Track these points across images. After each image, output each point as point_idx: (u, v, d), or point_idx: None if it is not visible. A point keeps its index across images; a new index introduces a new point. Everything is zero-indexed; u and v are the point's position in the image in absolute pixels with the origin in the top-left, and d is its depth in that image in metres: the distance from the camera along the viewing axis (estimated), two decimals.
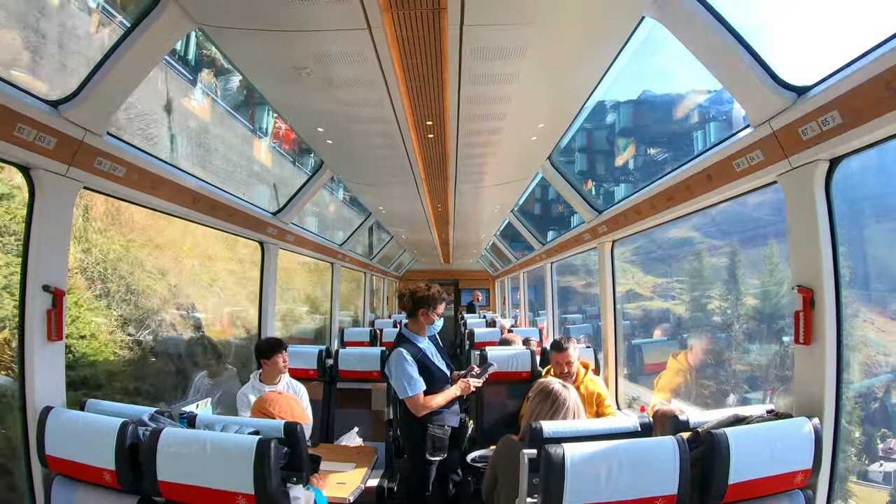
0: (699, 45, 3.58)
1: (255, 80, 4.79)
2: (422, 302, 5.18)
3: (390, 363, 5.11)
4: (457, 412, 5.30)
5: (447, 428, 5.04)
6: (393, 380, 5.09)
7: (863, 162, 9.97)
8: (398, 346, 5.12)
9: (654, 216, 5.44)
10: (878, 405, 8.23)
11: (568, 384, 3.84)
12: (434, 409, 5.03)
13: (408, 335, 5.22)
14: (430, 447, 4.97)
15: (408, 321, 5.33)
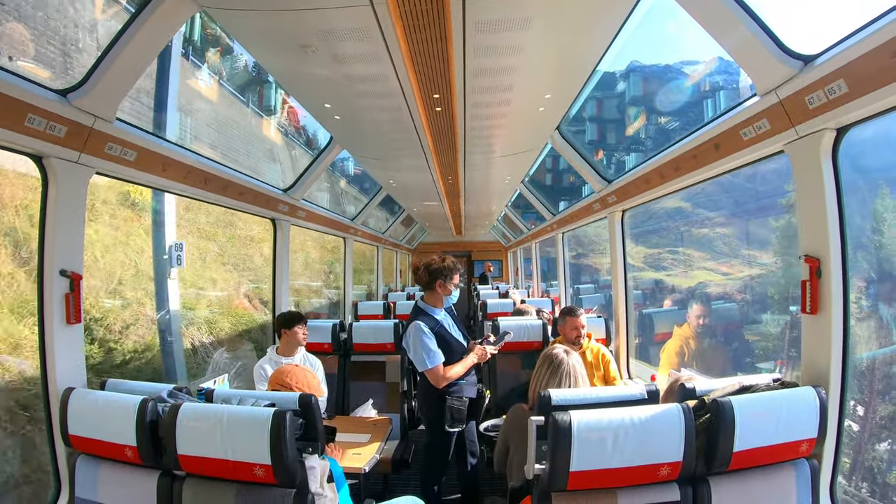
0: (705, 13, 3.55)
1: (261, 59, 4.82)
2: (438, 273, 5.22)
3: (408, 337, 5.15)
4: (474, 383, 5.35)
5: (465, 399, 5.12)
6: (412, 353, 5.12)
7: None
8: (415, 319, 5.15)
9: (663, 185, 5.45)
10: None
11: (570, 349, 3.91)
12: (454, 379, 5.08)
13: (424, 308, 5.26)
14: (450, 419, 5.05)
15: (424, 294, 5.37)
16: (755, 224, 18.96)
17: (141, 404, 3.09)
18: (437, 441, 5.26)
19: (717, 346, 8.46)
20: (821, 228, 3.29)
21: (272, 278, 7.41)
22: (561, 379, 3.77)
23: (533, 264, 16.02)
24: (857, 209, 9.34)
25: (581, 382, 3.80)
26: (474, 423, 5.47)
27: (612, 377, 5.69)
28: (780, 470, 2.95)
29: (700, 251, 21.43)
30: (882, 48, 2.58)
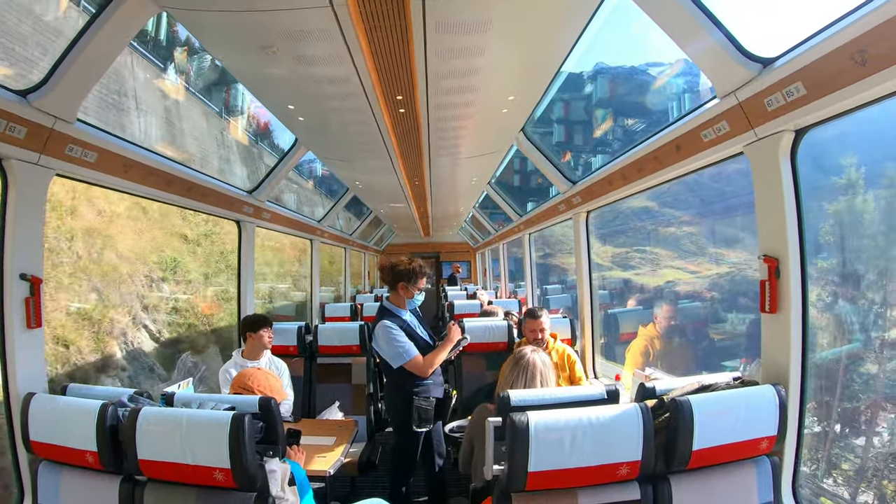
0: (665, 16, 3.58)
1: (223, 60, 4.78)
2: (401, 275, 5.23)
3: (377, 337, 5.16)
4: (441, 383, 5.36)
5: (432, 399, 5.12)
6: (384, 352, 5.13)
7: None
8: (381, 320, 5.16)
9: (626, 186, 5.49)
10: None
11: (538, 349, 3.93)
12: (437, 364, 5.12)
13: (390, 308, 5.27)
14: (417, 419, 5.04)
15: (389, 294, 5.38)
16: (722, 223, 19.19)
17: (101, 409, 3.05)
18: (404, 442, 5.27)
19: (683, 346, 8.54)
20: (779, 229, 3.33)
21: (237, 281, 7.35)
22: (519, 374, 3.79)
23: (501, 265, 16.06)
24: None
25: (542, 381, 3.81)
26: (441, 423, 5.47)
27: (578, 377, 5.72)
28: (741, 467, 2.99)
29: (667, 250, 21.64)
30: (839, 51, 2.61)
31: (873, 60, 2.45)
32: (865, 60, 2.48)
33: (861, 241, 9.20)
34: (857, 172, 9.72)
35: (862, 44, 2.49)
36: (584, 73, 27.80)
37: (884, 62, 2.40)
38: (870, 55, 2.45)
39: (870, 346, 7.85)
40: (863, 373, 7.45)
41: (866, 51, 2.46)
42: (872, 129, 8.36)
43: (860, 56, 2.50)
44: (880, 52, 2.40)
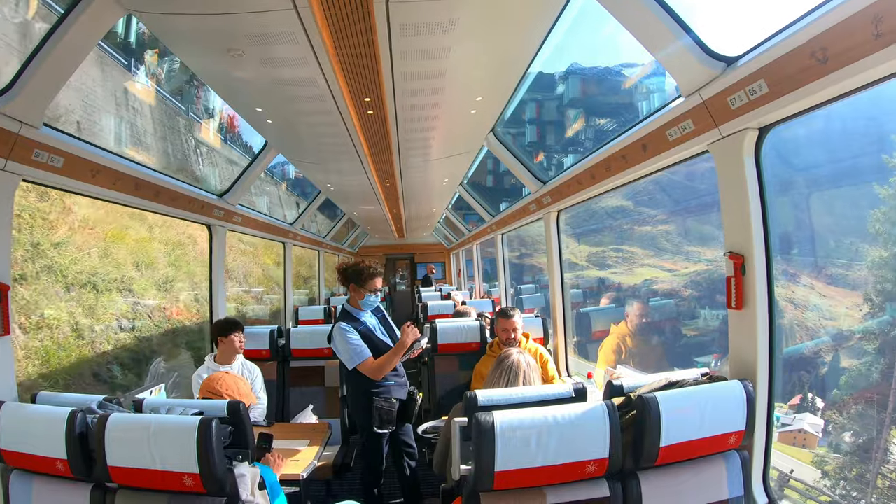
0: (630, 16, 3.61)
1: (189, 63, 4.75)
2: (350, 277, 5.24)
3: (334, 340, 5.16)
4: (404, 384, 5.36)
5: (394, 400, 5.13)
6: (340, 355, 5.14)
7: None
8: (338, 322, 5.17)
9: (595, 186, 5.52)
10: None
11: (523, 351, 3.94)
12: (391, 367, 5.08)
13: (349, 310, 5.27)
14: (378, 420, 5.05)
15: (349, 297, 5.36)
16: (697, 221, 19.33)
17: (70, 416, 3.01)
18: (369, 443, 5.26)
19: (655, 343, 8.62)
20: (744, 226, 3.37)
21: (208, 285, 7.31)
22: (502, 374, 3.80)
23: (474, 265, 16.09)
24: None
25: (525, 381, 3.82)
26: (410, 426, 5.47)
27: (551, 376, 5.72)
28: (711, 462, 3.01)
29: (643, 249, 21.76)
30: (801, 49, 2.64)
31: (834, 58, 2.48)
32: (826, 58, 2.51)
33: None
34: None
35: (822, 42, 2.51)
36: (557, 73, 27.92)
37: (844, 60, 2.43)
38: (831, 53, 2.48)
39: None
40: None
41: (827, 49, 2.49)
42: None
43: (821, 54, 2.53)
44: (840, 51, 2.43)
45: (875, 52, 2.28)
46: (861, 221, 9.64)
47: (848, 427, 7.70)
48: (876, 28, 2.23)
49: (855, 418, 7.75)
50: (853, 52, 2.38)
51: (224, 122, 18.67)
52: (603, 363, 6.58)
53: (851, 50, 2.38)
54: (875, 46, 2.26)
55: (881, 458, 7.08)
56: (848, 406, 7.89)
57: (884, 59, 2.27)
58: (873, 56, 2.29)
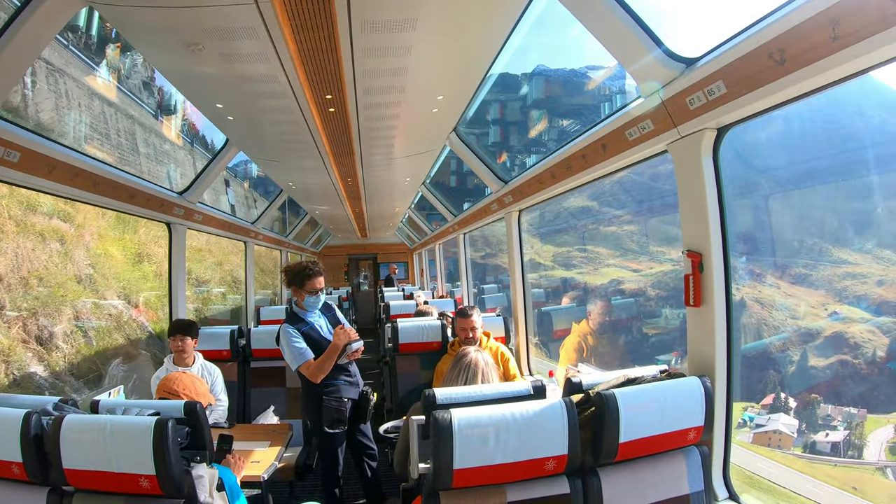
0: (590, 16, 3.63)
1: (149, 57, 4.72)
2: (291, 279, 5.23)
3: (279, 341, 5.18)
4: (356, 384, 5.36)
5: (345, 400, 5.13)
6: (285, 356, 5.16)
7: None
8: (284, 324, 5.18)
9: (556, 185, 5.55)
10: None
11: (481, 349, 3.95)
12: (327, 369, 5.06)
13: (295, 311, 5.30)
14: (328, 419, 5.04)
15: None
16: (663, 221, 19.52)
17: (24, 418, 2.93)
18: (323, 444, 5.25)
19: (616, 341, 8.68)
20: (702, 225, 3.41)
21: (168, 284, 7.22)
22: (460, 372, 3.80)
23: (437, 265, 16.11)
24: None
25: (483, 380, 3.82)
26: (367, 425, 5.47)
27: (513, 375, 5.74)
28: (671, 458, 3.03)
29: (609, 249, 21.91)
30: (758, 51, 2.67)
31: (791, 60, 2.51)
32: (784, 60, 2.54)
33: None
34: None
35: (780, 44, 2.54)
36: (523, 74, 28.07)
37: (802, 62, 2.46)
38: (788, 55, 2.51)
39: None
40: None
41: (785, 50, 2.52)
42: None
43: (779, 55, 2.56)
44: (798, 52, 2.46)
45: (832, 55, 2.31)
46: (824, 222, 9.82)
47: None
48: (833, 31, 2.26)
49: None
50: (811, 53, 2.40)
51: (188, 119, 18.46)
52: (564, 361, 6.61)
53: (809, 52, 2.41)
54: (832, 49, 2.29)
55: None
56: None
57: (841, 62, 2.30)
58: (831, 58, 2.32)
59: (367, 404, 5.35)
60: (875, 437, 7.04)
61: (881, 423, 7.09)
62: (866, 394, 7.89)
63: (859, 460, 6.99)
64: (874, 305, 8.78)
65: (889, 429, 6.96)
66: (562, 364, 6.61)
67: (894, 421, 6.90)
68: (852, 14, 2.18)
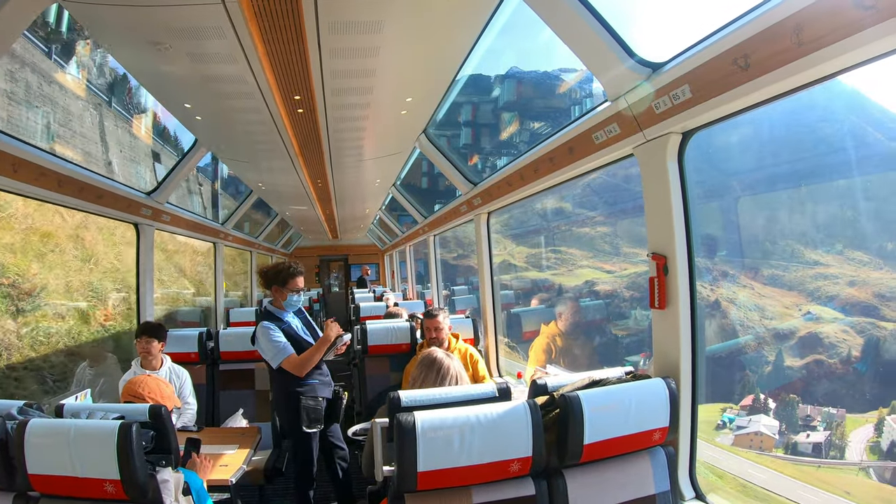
0: (559, 21, 3.64)
1: (116, 56, 4.68)
2: (272, 279, 5.23)
3: (258, 339, 5.15)
4: (329, 383, 5.37)
5: (320, 399, 5.13)
6: (264, 353, 5.12)
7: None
8: (261, 322, 5.15)
9: (524, 188, 5.57)
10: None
11: (450, 354, 3.94)
12: (314, 363, 5.07)
13: (271, 310, 5.27)
14: (306, 419, 5.03)
15: (272, 298, 5.34)
16: (636, 223, 19.63)
17: None
18: (298, 444, 5.23)
19: (586, 343, 8.71)
20: (667, 228, 3.44)
21: (136, 286, 7.15)
22: (428, 376, 3.79)
23: (408, 267, 16.10)
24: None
25: (451, 381, 3.82)
26: (337, 426, 5.47)
27: (482, 377, 5.76)
28: (636, 458, 3.05)
29: (582, 250, 21.99)
30: (723, 56, 2.69)
31: (755, 65, 2.53)
32: (748, 65, 2.56)
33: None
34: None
35: (744, 49, 2.57)
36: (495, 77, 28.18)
37: (766, 67, 2.48)
38: (752, 60, 2.54)
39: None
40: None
41: (749, 56, 2.54)
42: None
43: (743, 60, 2.58)
44: (762, 58, 2.48)
45: (796, 60, 2.33)
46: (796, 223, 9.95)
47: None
48: (797, 37, 2.28)
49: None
50: (775, 59, 2.43)
51: (159, 119, 18.29)
52: (533, 363, 6.63)
53: (773, 57, 2.43)
54: (797, 54, 2.32)
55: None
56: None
57: (805, 67, 2.32)
58: (795, 63, 2.34)
59: (339, 403, 5.35)
60: (856, 436, 7.08)
61: (859, 422, 7.15)
62: (840, 392, 7.98)
63: (842, 461, 7.04)
64: (846, 306, 8.91)
65: (868, 428, 7.02)
66: (531, 365, 6.62)
67: (873, 420, 6.97)
68: (816, 20, 2.20)
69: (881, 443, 6.62)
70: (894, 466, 6.50)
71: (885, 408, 6.92)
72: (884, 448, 6.56)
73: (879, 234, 9.04)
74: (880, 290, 8.49)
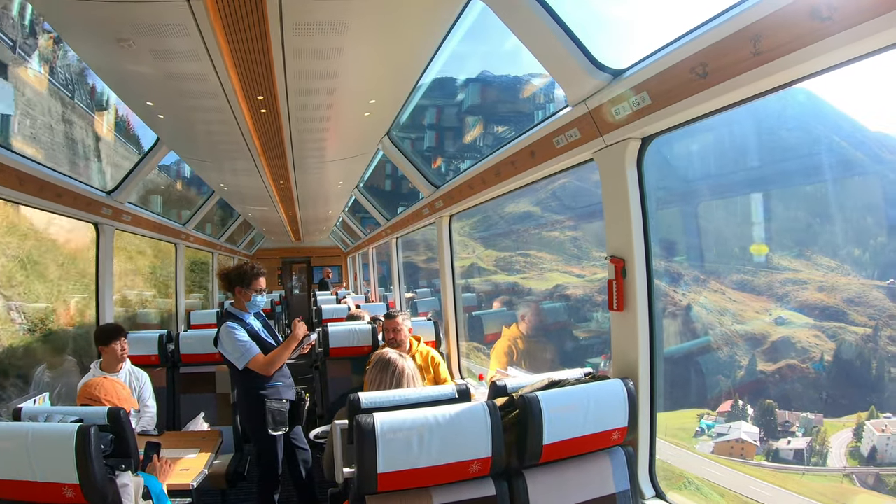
0: (521, 26, 3.68)
1: (79, 51, 4.64)
2: (235, 280, 5.18)
3: (221, 341, 5.08)
4: (291, 385, 5.34)
5: (285, 401, 5.06)
6: (228, 354, 5.06)
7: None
8: (224, 323, 5.09)
9: (486, 191, 5.61)
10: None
11: (405, 353, 3.95)
12: (281, 362, 5.06)
13: (233, 311, 5.21)
14: (271, 421, 4.97)
15: (233, 300, 5.30)
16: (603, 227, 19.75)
17: None
18: (263, 447, 5.19)
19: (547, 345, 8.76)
20: (625, 231, 3.49)
21: (95, 287, 7.05)
22: (383, 378, 3.80)
23: (370, 269, 16.09)
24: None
25: (414, 383, 3.83)
26: (300, 428, 5.44)
27: (443, 379, 5.76)
28: (596, 458, 3.10)
29: (552, 254, 22.08)
30: (682, 64, 2.74)
31: (713, 73, 2.58)
32: (706, 73, 2.61)
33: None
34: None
35: (703, 58, 2.61)
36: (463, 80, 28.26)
37: (723, 75, 2.53)
38: (710, 69, 2.58)
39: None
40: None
41: (707, 64, 2.59)
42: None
43: (701, 69, 2.63)
44: (720, 66, 2.53)
45: (754, 69, 2.37)
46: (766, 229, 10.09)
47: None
48: (755, 46, 2.33)
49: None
50: (733, 68, 2.47)
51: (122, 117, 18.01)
52: (495, 365, 6.66)
53: (731, 66, 2.48)
54: (754, 63, 2.36)
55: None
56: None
57: (762, 76, 2.37)
58: (752, 72, 2.39)
59: (303, 405, 5.31)
60: (835, 441, 7.11)
61: (837, 427, 7.20)
62: (813, 396, 8.08)
63: (825, 468, 7.08)
64: (815, 310, 9.03)
65: (846, 433, 7.06)
66: (493, 367, 6.65)
67: (851, 424, 7.03)
68: (774, 31, 2.25)
69: (860, 448, 6.69)
70: (877, 472, 6.56)
71: (863, 412, 6.99)
72: (864, 454, 6.63)
73: (847, 240, 9.21)
74: (849, 296, 8.64)
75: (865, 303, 8.37)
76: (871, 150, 8.72)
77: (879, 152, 8.60)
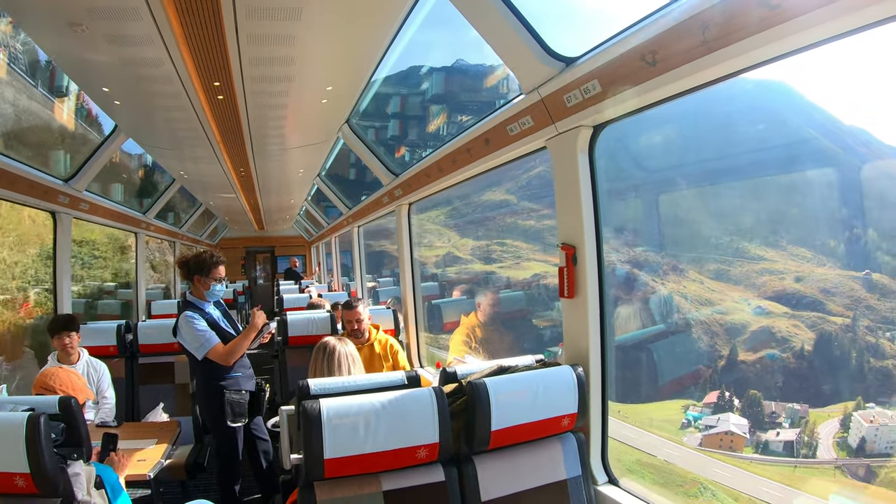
0: (475, 14, 3.70)
1: (33, 36, 4.56)
2: (194, 268, 5.12)
3: (180, 330, 5.02)
4: (251, 376, 5.30)
5: (244, 392, 5.06)
6: (187, 344, 5.00)
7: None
8: (184, 311, 5.02)
9: (442, 178, 5.63)
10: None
11: (344, 338, 3.99)
12: (241, 351, 5.02)
13: (192, 300, 5.15)
14: (230, 413, 4.96)
15: (191, 289, 5.25)
16: None
17: None
18: (223, 439, 5.16)
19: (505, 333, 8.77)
20: (576, 219, 3.52)
21: (52, 277, 6.96)
22: (322, 362, 3.83)
23: (333, 258, 16.04)
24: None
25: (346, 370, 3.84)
26: (260, 418, 5.42)
27: (402, 366, 5.78)
28: (546, 444, 3.15)
29: (528, 243, 22.11)
30: (632, 52, 2.76)
31: (662, 62, 2.60)
32: (655, 61, 2.63)
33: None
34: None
35: (652, 46, 2.63)
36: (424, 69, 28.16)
37: (672, 64, 2.56)
38: (659, 56, 2.61)
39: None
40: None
41: (657, 52, 2.61)
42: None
43: (651, 57, 2.65)
44: (669, 55, 2.55)
45: (703, 57, 2.40)
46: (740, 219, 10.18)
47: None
48: (703, 35, 2.35)
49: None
50: (682, 56, 2.50)
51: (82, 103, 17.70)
52: (454, 353, 6.67)
53: (680, 55, 2.50)
54: (702, 52, 2.39)
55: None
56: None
57: (711, 64, 2.39)
58: (700, 60, 2.42)
59: (263, 396, 5.29)
60: (823, 431, 7.13)
61: (822, 417, 7.23)
62: (795, 386, 8.15)
63: (815, 460, 7.10)
64: (792, 299, 9.11)
65: (833, 423, 7.08)
66: (451, 356, 6.67)
67: (836, 415, 7.07)
68: (723, 19, 2.27)
69: (848, 438, 6.73)
70: (867, 464, 6.60)
71: (847, 402, 7.04)
72: (852, 444, 6.67)
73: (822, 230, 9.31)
74: (825, 286, 8.74)
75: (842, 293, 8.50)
76: (846, 142, 8.85)
77: (854, 145, 8.72)
